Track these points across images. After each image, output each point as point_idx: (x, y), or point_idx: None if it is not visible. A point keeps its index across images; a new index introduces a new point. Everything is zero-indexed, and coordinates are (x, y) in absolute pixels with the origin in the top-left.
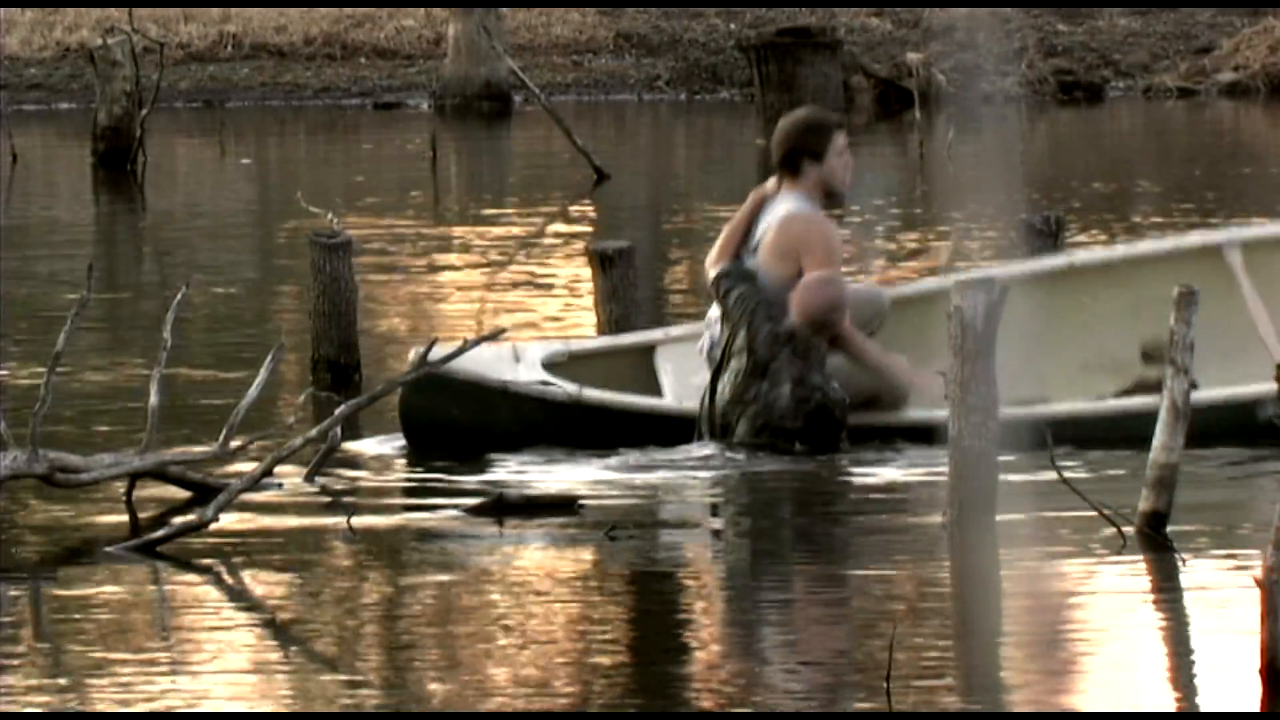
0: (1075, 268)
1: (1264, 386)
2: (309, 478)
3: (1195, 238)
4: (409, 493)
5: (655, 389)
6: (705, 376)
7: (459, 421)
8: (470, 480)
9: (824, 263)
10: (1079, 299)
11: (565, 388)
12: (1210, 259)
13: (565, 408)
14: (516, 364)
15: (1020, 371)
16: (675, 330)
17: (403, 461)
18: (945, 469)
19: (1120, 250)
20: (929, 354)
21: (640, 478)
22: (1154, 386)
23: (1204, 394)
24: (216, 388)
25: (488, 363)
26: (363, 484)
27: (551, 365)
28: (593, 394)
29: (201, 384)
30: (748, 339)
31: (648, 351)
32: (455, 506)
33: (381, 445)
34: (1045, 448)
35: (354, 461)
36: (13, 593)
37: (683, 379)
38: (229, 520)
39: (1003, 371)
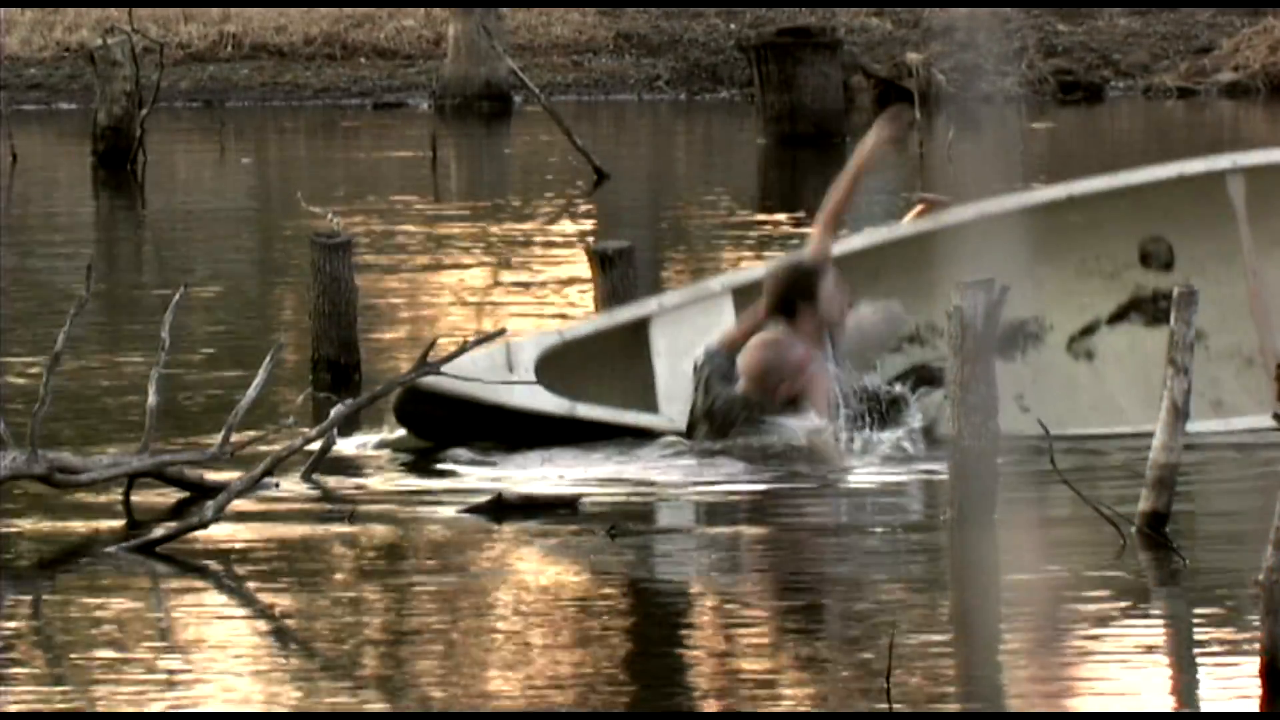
0: (1075, 199)
1: (1263, 419)
2: (305, 477)
3: (1198, 164)
4: (408, 492)
5: (650, 373)
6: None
7: (455, 434)
8: (470, 480)
9: (764, 322)
10: (1081, 231)
11: (559, 404)
12: (1212, 183)
13: (559, 421)
14: (510, 372)
15: (1016, 281)
16: (669, 299)
17: (402, 461)
18: (945, 469)
19: (1121, 178)
20: (927, 292)
21: (640, 477)
22: (1148, 303)
23: (1203, 424)
24: (215, 388)
25: (481, 373)
26: (362, 484)
27: (548, 359)
28: (586, 410)
29: (200, 384)
30: (707, 404)
31: (643, 326)
32: (455, 506)
33: (380, 445)
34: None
35: (353, 461)
36: (11, 593)
37: (675, 364)
38: (228, 521)
39: (1000, 279)
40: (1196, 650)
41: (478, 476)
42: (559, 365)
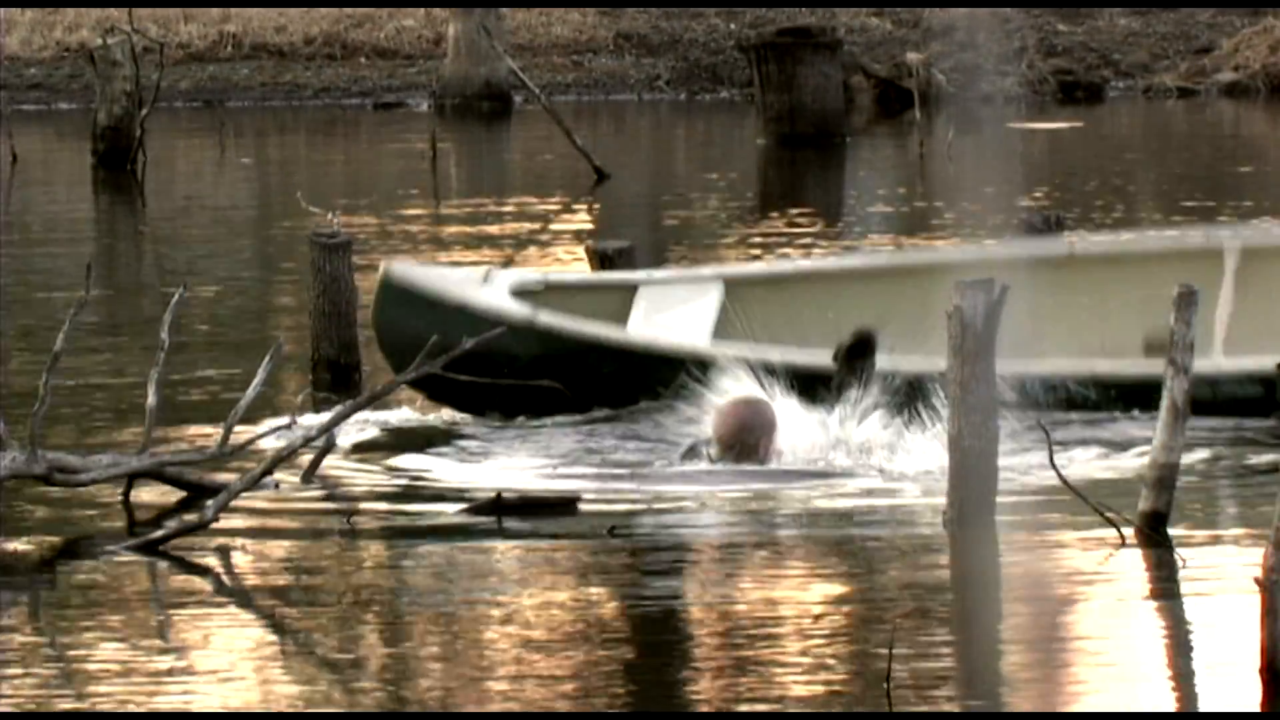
0: (1076, 257)
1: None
2: (306, 477)
3: (1198, 236)
4: (408, 492)
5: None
6: (677, 315)
7: (424, 336)
8: (470, 480)
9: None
10: (1080, 294)
11: (520, 310)
12: (1210, 258)
13: (520, 331)
14: (483, 285)
15: (1019, 357)
16: (659, 273)
17: (401, 461)
18: (945, 469)
19: (1121, 241)
20: (929, 324)
21: (640, 478)
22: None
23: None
24: (215, 387)
25: (454, 282)
26: (361, 484)
27: (523, 293)
28: (546, 318)
29: (201, 383)
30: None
31: (630, 291)
32: (455, 506)
33: (380, 445)
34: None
35: (353, 461)
36: (12, 593)
37: (651, 315)
38: (228, 520)
39: (1002, 357)
40: (1196, 650)
41: (478, 476)
42: (537, 301)
